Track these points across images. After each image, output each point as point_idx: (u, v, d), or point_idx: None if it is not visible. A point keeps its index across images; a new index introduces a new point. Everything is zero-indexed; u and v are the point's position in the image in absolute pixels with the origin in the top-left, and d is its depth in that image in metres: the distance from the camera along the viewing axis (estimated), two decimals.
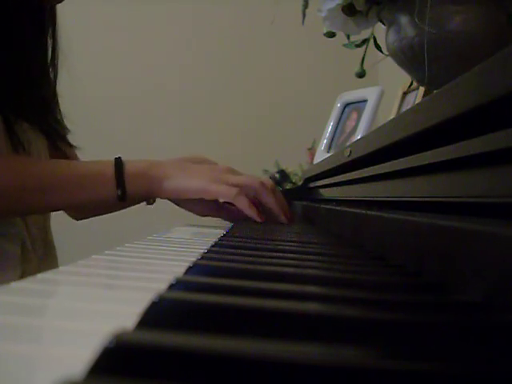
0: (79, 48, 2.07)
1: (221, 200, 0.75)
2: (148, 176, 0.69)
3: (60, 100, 0.83)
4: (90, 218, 0.95)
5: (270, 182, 0.75)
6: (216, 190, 0.69)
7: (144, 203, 0.80)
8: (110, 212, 0.89)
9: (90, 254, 0.37)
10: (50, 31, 0.76)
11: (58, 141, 0.79)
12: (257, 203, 0.72)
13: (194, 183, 0.69)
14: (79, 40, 2.06)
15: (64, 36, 0.77)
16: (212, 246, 0.43)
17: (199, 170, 0.71)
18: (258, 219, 0.69)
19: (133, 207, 0.82)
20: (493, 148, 0.26)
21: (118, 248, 0.43)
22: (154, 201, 0.78)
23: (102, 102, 2.10)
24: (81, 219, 0.94)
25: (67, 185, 0.68)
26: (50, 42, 0.76)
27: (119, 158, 0.69)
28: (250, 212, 0.69)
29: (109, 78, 2.13)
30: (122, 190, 0.68)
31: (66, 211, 0.90)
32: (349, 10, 0.67)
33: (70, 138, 0.82)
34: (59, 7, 0.77)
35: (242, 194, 0.68)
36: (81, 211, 0.92)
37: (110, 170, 0.68)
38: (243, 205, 0.68)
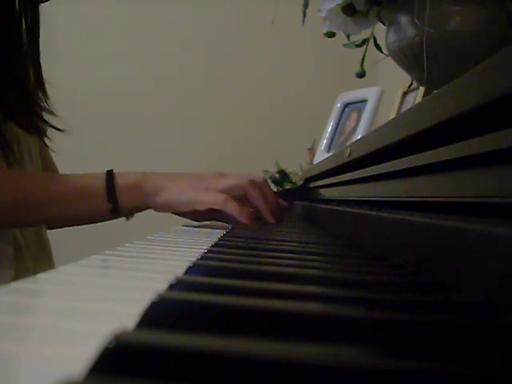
0: (78, 46, 2.07)
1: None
2: (140, 189, 0.70)
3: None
4: None
5: (260, 179, 0.75)
6: (206, 200, 0.69)
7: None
8: (95, 223, 0.88)
9: (89, 254, 0.37)
10: (31, 27, 0.75)
11: (46, 132, 0.79)
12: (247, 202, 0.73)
13: (185, 196, 0.70)
14: (79, 39, 2.07)
15: (49, 32, 0.76)
16: (212, 246, 0.43)
17: (189, 179, 0.72)
18: (248, 223, 0.69)
19: None
20: (493, 148, 0.26)
21: (117, 248, 0.43)
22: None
23: (102, 101, 2.10)
24: (54, 228, 0.92)
25: (59, 200, 0.68)
26: (29, 38, 0.75)
27: (111, 170, 0.70)
28: (241, 217, 0.69)
29: (109, 77, 2.13)
30: (114, 203, 0.69)
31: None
32: (349, 9, 0.67)
33: (61, 124, 0.80)
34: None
35: (230, 200, 0.69)
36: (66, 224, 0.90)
37: (102, 184, 0.68)
38: (234, 211, 0.69)
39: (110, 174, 0.69)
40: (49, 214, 0.69)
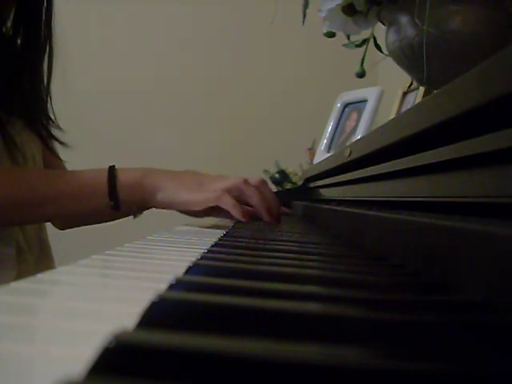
0: (78, 47, 2.08)
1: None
2: (141, 186, 0.70)
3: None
4: None
5: (256, 180, 0.75)
6: (202, 199, 0.70)
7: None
8: (100, 222, 0.88)
9: (89, 254, 0.37)
10: (46, 32, 0.76)
11: (50, 141, 0.79)
12: (243, 203, 0.73)
13: (181, 197, 0.71)
14: (78, 39, 2.06)
15: (60, 37, 0.77)
16: (212, 246, 0.43)
17: (187, 180, 0.72)
18: (242, 219, 0.69)
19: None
20: (493, 148, 0.26)
21: (117, 248, 0.43)
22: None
23: (102, 102, 2.10)
24: (65, 229, 0.93)
25: (60, 197, 0.68)
26: (45, 42, 0.76)
27: (113, 166, 0.70)
28: (235, 211, 0.69)
29: (109, 77, 2.13)
30: (115, 200, 0.69)
31: (56, 221, 0.89)
32: (349, 9, 0.67)
33: (65, 138, 0.81)
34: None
35: (225, 195, 0.69)
36: (69, 221, 0.91)
37: (104, 181, 0.69)
38: (227, 205, 0.69)
39: (111, 170, 0.69)
40: (52, 210, 0.69)
